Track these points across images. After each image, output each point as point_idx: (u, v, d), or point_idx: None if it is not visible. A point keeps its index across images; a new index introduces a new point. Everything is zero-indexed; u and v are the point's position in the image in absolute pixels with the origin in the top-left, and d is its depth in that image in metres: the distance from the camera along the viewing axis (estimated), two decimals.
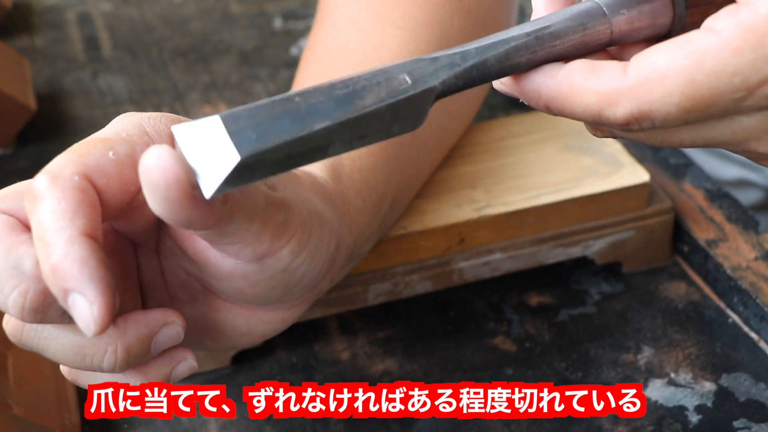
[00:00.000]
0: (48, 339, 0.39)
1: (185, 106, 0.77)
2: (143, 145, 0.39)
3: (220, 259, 0.41)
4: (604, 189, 0.58)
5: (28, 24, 0.90)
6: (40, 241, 0.36)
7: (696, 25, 0.38)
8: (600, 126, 0.38)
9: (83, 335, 0.38)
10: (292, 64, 0.81)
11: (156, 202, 0.34)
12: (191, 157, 0.33)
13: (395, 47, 0.55)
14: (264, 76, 0.80)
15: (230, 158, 0.32)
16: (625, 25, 0.38)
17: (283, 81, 0.79)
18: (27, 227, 0.38)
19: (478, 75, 0.37)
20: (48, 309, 0.37)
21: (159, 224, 0.42)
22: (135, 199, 0.39)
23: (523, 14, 0.83)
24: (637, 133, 0.37)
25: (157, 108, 0.77)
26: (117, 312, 0.37)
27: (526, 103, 0.38)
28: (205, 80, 0.80)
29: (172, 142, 0.39)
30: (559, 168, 0.60)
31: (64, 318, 0.37)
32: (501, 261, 0.58)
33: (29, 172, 0.69)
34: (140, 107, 0.77)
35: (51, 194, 0.36)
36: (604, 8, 0.37)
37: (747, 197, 0.84)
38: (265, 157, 0.33)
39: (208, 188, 0.33)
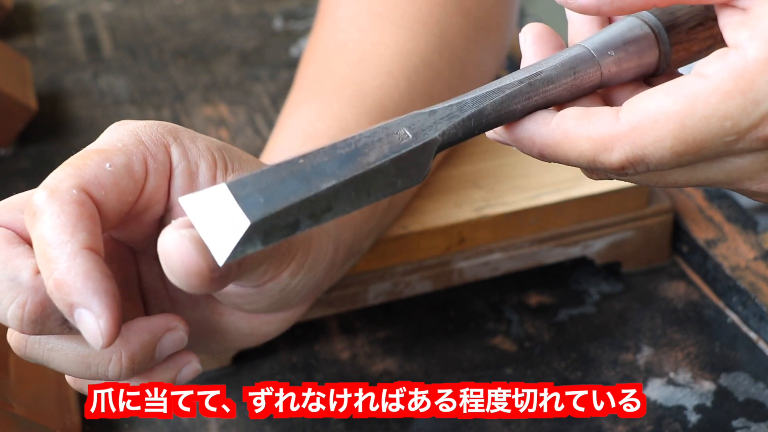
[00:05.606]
0: (52, 351, 0.39)
1: (186, 107, 0.77)
2: (139, 154, 0.39)
3: None
4: (603, 189, 0.58)
5: (29, 24, 0.90)
6: (42, 256, 0.36)
7: (681, 61, 0.39)
8: (595, 170, 0.39)
9: (87, 346, 0.38)
10: (292, 64, 0.81)
11: (175, 281, 0.34)
12: (201, 227, 0.33)
13: (394, 45, 0.56)
14: (264, 77, 0.81)
15: (240, 224, 0.32)
16: (614, 66, 0.38)
17: (283, 81, 0.80)
18: (24, 239, 0.38)
19: (476, 125, 0.37)
20: (47, 320, 0.37)
21: (158, 231, 0.42)
22: (133, 209, 0.39)
23: (524, 15, 0.83)
24: (632, 176, 0.38)
25: (157, 108, 0.77)
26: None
27: (520, 151, 0.39)
28: (206, 80, 0.80)
29: (168, 156, 0.39)
30: (559, 168, 0.59)
31: (64, 328, 0.37)
32: (501, 261, 0.58)
33: (30, 172, 0.70)
34: (141, 108, 0.77)
35: (50, 209, 0.36)
36: (593, 51, 0.38)
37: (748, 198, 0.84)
38: (276, 221, 0.32)
39: (221, 256, 0.33)
